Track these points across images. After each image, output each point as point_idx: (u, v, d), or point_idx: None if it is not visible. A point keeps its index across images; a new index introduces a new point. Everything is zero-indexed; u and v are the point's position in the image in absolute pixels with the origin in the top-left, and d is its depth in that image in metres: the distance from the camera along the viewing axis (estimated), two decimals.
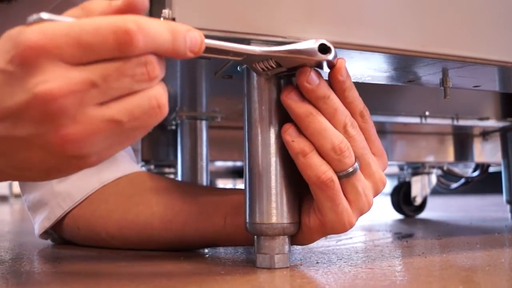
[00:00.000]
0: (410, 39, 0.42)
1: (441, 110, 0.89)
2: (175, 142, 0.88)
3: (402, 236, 0.72)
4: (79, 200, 0.58)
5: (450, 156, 1.08)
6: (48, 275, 0.42)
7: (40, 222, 0.61)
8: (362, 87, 0.42)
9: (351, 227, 0.40)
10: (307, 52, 0.36)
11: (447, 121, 0.91)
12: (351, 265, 0.43)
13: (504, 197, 0.96)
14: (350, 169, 0.39)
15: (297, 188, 0.41)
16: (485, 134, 1.06)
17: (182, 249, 0.54)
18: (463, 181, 1.22)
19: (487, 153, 1.08)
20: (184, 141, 0.78)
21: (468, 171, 1.25)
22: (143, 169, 0.87)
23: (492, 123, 0.94)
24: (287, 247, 0.41)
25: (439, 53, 0.42)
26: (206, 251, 0.54)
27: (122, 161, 0.61)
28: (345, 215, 0.39)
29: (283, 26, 0.38)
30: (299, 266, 0.43)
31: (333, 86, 0.39)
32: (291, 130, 0.39)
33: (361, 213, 0.41)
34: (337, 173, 0.39)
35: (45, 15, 0.29)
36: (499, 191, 0.99)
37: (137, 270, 0.43)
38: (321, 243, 0.60)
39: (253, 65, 0.38)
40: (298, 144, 0.39)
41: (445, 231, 0.78)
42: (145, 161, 0.95)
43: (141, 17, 0.29)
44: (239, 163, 1.31)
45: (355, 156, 0.40)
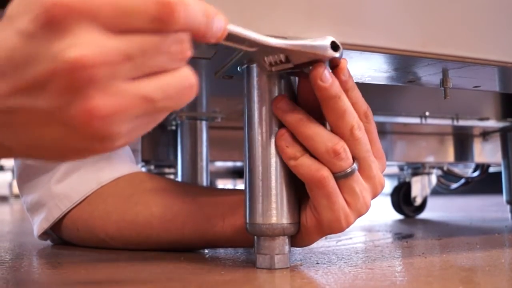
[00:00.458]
0: (410, 39, 0.42)
1: (441, 110, 0.89)
2: (175, 142, 0.88)
3: (402, 236, 0.72)
4: (77, 201, 0.58)
5: (450, 156, 1.08)
6: (48, 275, 0.42)
7: (38, 223, 0.61)
8: (362, 88, 0.42)
9: (348, 226, 0.40)
10: (320, 48, 0.36)
11: (447, 122, 0.91)
12: (351, 266, 0.43)
13: (504, 197, 0.96)
14: (348, 170, 0.39)
15: (297, 188, 0.41)
16: (485, 134, 1.06)
17: (181, 249, 0.54)
18: (463, 181, 1.22)
19: (487, 153, 1.08)
20: (184, 141, 0.78)
21: (468, 171, 1.25)
22: (142, 169, 0.87)
23: (492, 124, 0.94)
24: (287, 247, 0.41)
25: (439, 54, 0.42)
26: (206, 251, 0.54)
27: (120, 162, 0.60)
28: (342, 213, 0.39)
29: (283, 26, 0.38)
30: (299, 266, 0.43)
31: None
32: (285, 136, 0.39)
33: (359, 215, 0.40)
34: (334, 173, 0.39)
35: None
36: (499, 191, 0.99)
37: (137, 270, 0.43)
38: (321, 244, 0.60)
39: (261, 59, 0.38)
40: (291, 150, 0.39)
41: (445, 232, 0.78)
42: (145, 161, 0.95)
43: None
44: (239, 164, 1.31)
45: (357, 157, 0.40)
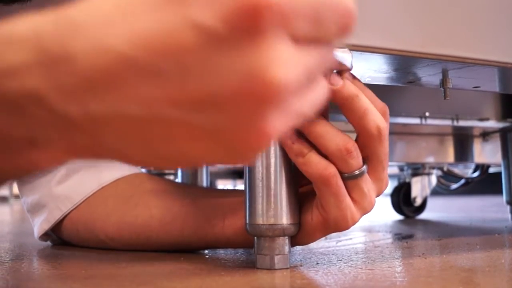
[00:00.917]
0: (410, 40, 0.42)
1: (441, 111, 0.89)
2: None
3: (402, 237, 0.72)
4: (78, 202, 0.58)
5: (450, 156, 1.08)
6: (48, 275, 0.42)
7: (39, 224, 0.61)
8: None
9: (353, 224, 0.40)
10: (345, 59, 0.36)
11: (447, 122, 0.91)
12: (351, 266, 0.43)
13: (504, 197, 0.96)
14: (356, 172, 0.38)
15: (297, 188, 0.41)
16: (485, 134, 1.06)
17: (181, 250, 0.54)
18: (463, 181, 1.22)
19: (487, 153, 1.08)
20: None
21: (468, 171, 1.25)
22: (142, 170, 0.87)
23: (492, 124, 0.94)
24: (287, 248, 0.41)
25: (439, 54, 0.42)
26: (206, 251, 0.54)
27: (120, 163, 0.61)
28: (349, 211, 0.39)
29: None
30: (299, 267, 0.43)
31: None
32: (290, 138, 0.39)
33: (364, 212, 0.41)
34: (342, 174, 0.38)
35: None
36: (499, 191, 0.99)
37: (137, 270, 0.43)
38: (321, 244, 0.60)
39: None
40: (297, 146, 0.38)
41: (445, 232, 0.78)
42: None
43: None
44: (239, 164, 1.30)
45: (375, 158, 0.39)
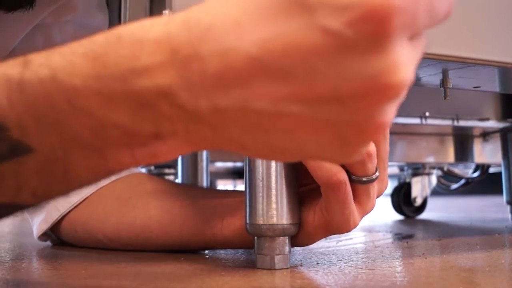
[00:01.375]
0: None
1: (441, 111, 0.89)
2: None
3: (402, 237, 0.72)
4: (76, 202, 0.58)
5: (450, 156, 1.08)
6: (48, 275, 0.42)
7: (38, 224, 0.61)
8: None
9: (355, 227, 0.40)
10: None
11: (447, 122, 0.91)
12: (352, 266, 0.43)
13: (504, 197, 0.96)
14: (373, 176, 0.38)
15: (298, 188, 0.41)
16: (485, 134, 1.06)
17: (181, 250, 0.53)
18: (463, 181, 1.22)
19: (487, 153, 1.08)
20: None
21: (468, 171, 1.25)
22: (142, 170, 0.87)
23: (492, 124, 0.94)
24: (287, 248, 0.41)
25: (439, 54, 0.42)
26: (206, 252, 0.54)
27: None
28: (352, 216, 0.39)
29: None
30: (300, 267, 0.43)
31: None
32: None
33: (365, 214, 0.41)
34: (357, 177, 0.38)
35: None
36: (499, 192, 0.99)
37: (137, 270, 0.43)
38: (321, 244, 0.60)
39: None
40: None
41: (445, 232, 0.78)
42: None
43: None
44: (239, 164, 1.31)
45: (378, 158, 0.39)
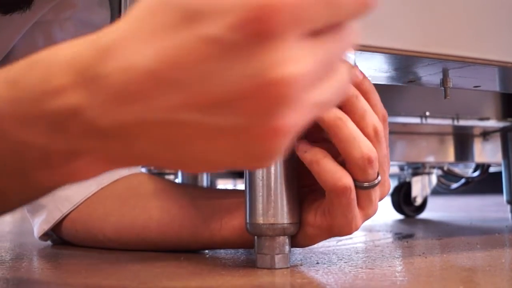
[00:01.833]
0: (410, 39, 0.42)
1: (442, 110, 0.89)
2: None
3: (402, 236, 0.72)
4: (77, 203, 0.58)
5: (450, 156, 1.08)
6: (48, 275, 0.42)
7: (38, 224, 0.61)
8: None
9: (356, 230, 0.40)
10: None
11: (448, 121, 0.91)
12: (352, 266, 0.43)
13: (504, 197, 0.96)
14: (375, 181, 0.38)
15: (298, 188, 0.41)
16: (486, 134, 1.06)
17: (181, 250, 0.53)
18: (463, 181, 1.22)
19: (487, 153, 1.08)
20: None
21: (468, 171, 1.25)
22: (142, 170, 0.87)
23: (492, 123, 0.94)
24: (287, 247, 0.41)
25: (439, 53, 0.42)
26: (206, 251, 0.54)
27: None
28: (354, 220, 0.39)
29: None
30: (300, 266, 0.43)
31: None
32: (302, 145, 0.38)
33: (367, 218, 0.41)
34: (358, 182, 0.38)
35: None
36: (499, 191, 0.99)
37: (137, 270, 0.43)
38: (321, 243, 0.59)
39: None
40: (310, 154, 0.38)
41: (445, 231, 0.78)
42: None
43: None
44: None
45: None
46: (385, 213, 1.34)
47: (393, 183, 1.33)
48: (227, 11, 0.20)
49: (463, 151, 1.08)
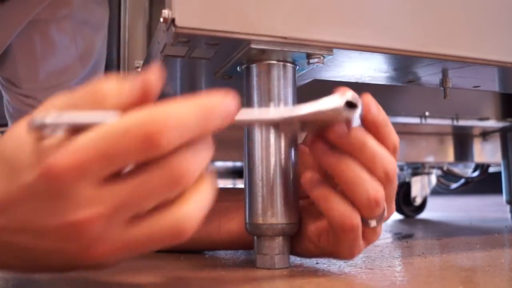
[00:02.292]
0: (410, 39, 0.42)
1: (441, 110, 0.89)
2: None
3: (402, 236, 0.72)
4: None
5: (450, 156, 1.08)
6: (48, 275, 0.42)
7: None
8: (362, 88, 0.42)
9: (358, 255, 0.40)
10: (334, 111, 0.33)
11: (447, 121, 0.91)
12: (351, 266, 0.43)
13: (504, 197, 0.97)
14: (382, 217, 0.38)
15: (297, 188, 0.41)
16: (485, 134, 1.06)
17: (180, 250, 0.53)
18: (463, 181, 1.22)
19: (487, 153, 1.08)
20: None
21: (468, 171, 1.25)
22: None
23: (492, 124, 0.94)
24: (287, 247, 0.41)
25: (439, 54, 0.42)
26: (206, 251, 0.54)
27: None
28: (358, 250, 0.39)
29: (283, 26, 0.38)
30: (299, 266, 0.43)
31: (365, 124, 0.36)
32: (308, 177, 0.38)
33: (369, 244, 0.40)
34: (365, 218, 0.37)
35: (48, 119, 0.26)
36: (499, 191, 0.99)
37: (137, 269, 0.43)
38: None
39: (278, 129, 0.38)
40: (317, 190, 0.37)
41: (445, 232, 0.78)
42: None
43: (165, 111, 0.26)
44: (239, 164, 1.31)
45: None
46: None
47: None
48: (31, 163, 0.27)
49: (463, 151, 1.08)
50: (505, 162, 0.97)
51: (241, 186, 0.49)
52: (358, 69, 0.47)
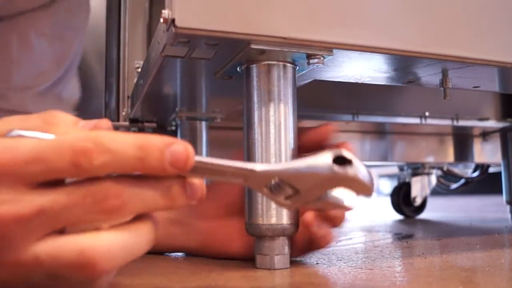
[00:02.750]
0: (410, 39, 0.42)
1: (441, 110, 0.89)
2: None
3: (402, 236, 0.72)
4: None
5: (450, 156, 1.08)
6: None
7: None
8: (362, 88, 0.42)
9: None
10: (320, 168, 0.28)
11: (447, 122, 0.91)
12: (351, 266, 0.43)
13: (504, 197, 0.96)
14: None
15: None
16: (485, 134, 1.06)
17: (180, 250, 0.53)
18: (463, 181, 1.22)
19: (487, 153, 1.08)
20: None
21: (468, 171, 1.25)
22: None
23: (492, 124, 0.94)
24: (287, 248, 0.41)
25: (438, 54, 0.42)
26: None
27: None
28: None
29: (283, 26, 0.38)
30: (299, 267, 0.43)
31: None
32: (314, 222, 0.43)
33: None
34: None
35: (15, 133, 0.27)
36: (499, 191, 0.99)
37: (136, 270, 0.43)
38: None
39: (260, 188, 0.30)
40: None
41: (445, 232, 0.78)
42: None
43: (105, 134, 0.26)
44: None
45: None
46: (385, 213, 1.34)
47: (392, 184, 1.33)
48: None
49: (463, 152, 1.08)
50: (505, 162, 0.97)
51: None
52: (358, 69, 0.47)
